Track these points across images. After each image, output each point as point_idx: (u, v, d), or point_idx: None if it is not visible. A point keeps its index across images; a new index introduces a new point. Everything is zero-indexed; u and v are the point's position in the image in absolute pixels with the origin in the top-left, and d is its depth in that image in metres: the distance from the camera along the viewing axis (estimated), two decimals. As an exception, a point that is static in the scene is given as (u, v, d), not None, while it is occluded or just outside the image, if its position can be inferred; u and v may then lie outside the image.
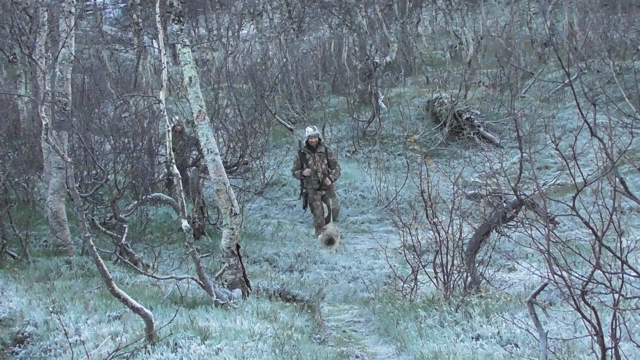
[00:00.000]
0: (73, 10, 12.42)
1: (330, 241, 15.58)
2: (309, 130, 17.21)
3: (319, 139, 17.19)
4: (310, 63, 32.77)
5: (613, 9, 33.43)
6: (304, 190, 17.38)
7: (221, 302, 9.26)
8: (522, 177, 10.34)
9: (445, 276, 9.86)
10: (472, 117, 24.07)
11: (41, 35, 12.66)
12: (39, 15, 13.63)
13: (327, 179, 17.00)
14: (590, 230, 4.44)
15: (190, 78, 10.18)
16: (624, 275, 4.19)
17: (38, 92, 12.95)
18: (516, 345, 7.16)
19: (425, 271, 10.51)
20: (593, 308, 4.45)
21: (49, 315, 8.45)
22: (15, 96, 18.54)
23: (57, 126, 12.06)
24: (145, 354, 6.97)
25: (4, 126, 16.80)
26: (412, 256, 10.99)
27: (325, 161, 17.06)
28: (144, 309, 7.23)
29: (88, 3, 44.19)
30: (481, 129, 23.74)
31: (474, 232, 10.78)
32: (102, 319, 8.41)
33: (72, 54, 12.62)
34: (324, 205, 17.37)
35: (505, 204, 10.80)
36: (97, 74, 25.40)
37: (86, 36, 34.21)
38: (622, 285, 4.25)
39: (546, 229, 5.08)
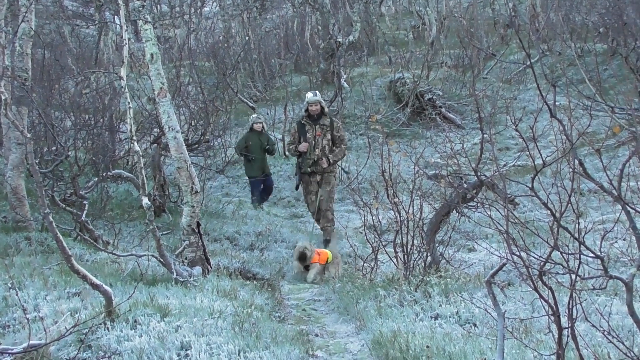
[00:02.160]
0: (34, -16, 12.30)
1: (302, 257, 12.15)
2: (309, 95, 14.56)
3: (322, 107, 14.45)
4: (273, 42, 32.71)
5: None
6: (300, 171, 14.62)
7: (181, 279, 9.24)
8: (482, 158, 10.38)
9: (406, 256, 9.90)
10: (434, 97, 24.18)
11: (0, 10, 12.50)
12: (-1, -11, 13.47)
13: (322, 159, 14.18)
14: (548, 212, 4.48)
15: (151, 55, 10.12)
16: (581, 256, 4.24)
17: (-3, 67, 12.78)
18: (474, 325, 7.22)
19: (385, 251, 10.54)
20: (550, 288, 4.49)
21: (8, 291, 8.39)
22: (-26, 71, 18.32)
23: (17, 101, 11.95)
24: (104, 330, 6.95)
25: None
26: (372, 236, 11.03)
27: (329, 137, 14.35)
28: (104, 285, 7.20)
29: (49, -23, 43.66)
30: (443, 110, 23.88)
31: (434, 213, 10.85)
32: (61, 295, 8.35)
33: (32, 28, 12.49)
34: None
35: (465, 185, 10.86)
36: (57, 49, 25.17)
37: (47, 11, 33.78)
38: (579, 266, 4.30)
39: (505, 209, 5.12)
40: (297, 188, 15.41)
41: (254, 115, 19.51)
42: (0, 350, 5.68)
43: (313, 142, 14.30)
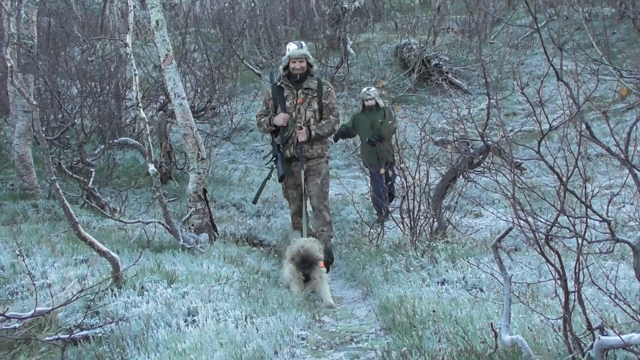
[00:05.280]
0: (38, -50, 12.26)
1: (305, 262, 8.33)
2: (292, 47, 10.34)
3: (308, 64, 10.34)
4: (279, 8, 32.46)
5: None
6: (281, 155, 10.35)
7: (188, 246, 9.27)
8: (489, 123, 10.36)
9: (412, 222, 9.90)
10: (440, 63, 24.08)
11: (5, -24, 12.46)
12: (3, -44, 13.41)
13: (303, 130, 10.10)
14: (555, 176, 4.46)
15: (157, 21, 10.11)
16: (588, 220, 4.22)
17: (3, 34, 12.76)
18: (481, 290, 7.22)
19: (392, 216, 10.54)
20: (557, 252, 4.48)
21: (16, 258, 8.42)
22: (-20, 38, 18.31)
23: (23, 69, 11.95)
24: (111, 297, 6.97)
25: (-33, 69, 16.63)
26: (379, 202, 11.04)
27: (315, 106, 10.28)
28: (111, 252, 7.21)
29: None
30: (449, 76, 23.78)
31: (440, 178, 10.83)
32: (68, 262, 8.38)
33: (37, -5, 12.48)
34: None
35: (472, 150, 10.85)
36: (63, 17, 25.10)
37: (52, -22, 33.68)
38: (585, 230, 4.28)
39: (512, 174, 5.10)
40: (281, 180, 10.47)
41: (364, 89, 14.45)
42: (9, 316, 5.69)
43: (294, 112, 10.23)
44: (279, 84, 10.42)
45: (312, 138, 10.21)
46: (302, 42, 10.53)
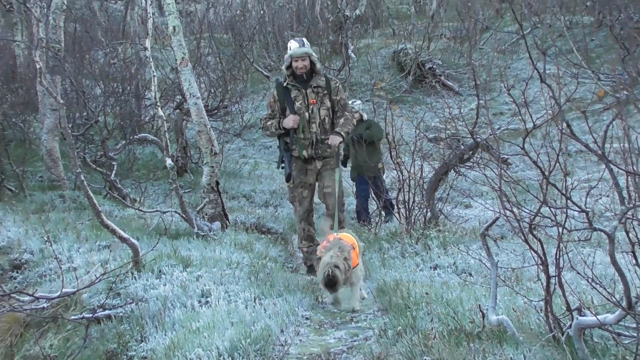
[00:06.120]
0: (65, -38, 12.27)
1: (330, 283, 6.71)
2: (293, 45, 8.98)
3: (312, 62, 9.04)
4: (286, 15, 32.39)
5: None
6: (288, 154, 9.13)
7: (202, 233, 9.29)
8: (478, 122, 10.36)
9: (407, 212, 9.92)
10: (434, 66, 24.08)
11: (35, -14, 12.47)
12: (33, -33, 13.40)
13: (330, 137, 8.88)
14: (538, 170, 4.47)
15: (174, 27, 10.12)
16: (568, 210, 4.23)
17: (33, 38, 12.78)
18: (470, 274, 7.24)
19: (389, 207, 10.55)
20: (540, 240, 4.49)
21: (44, 244, 8.46)
22: (12, 42, 18.31)
23: (51, 70, 11.97)
24: (132, 279, 7.00)
25: (1, 70, 16.66)
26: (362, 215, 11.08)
27: (327, 104, 9.03)
28: (131, 239, 7.24)
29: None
30: (442, 78, 23.78)
31: (433, 172, 10.85)
32: (92, 247, 8.41)
33: (64, 3, 12.51)
34: (319, 192, 9.31)
35: (462, 147, 10.86)
36: (88, 23, 25.15)
37: (78, -13, 33.68)
38: (566, 219, 4.29)
39: (499, 169, 5.11)
40: (288, 179, 9.16)
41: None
42: (38, 297, 5.71)
43: (307, 114, 8.94)
44: (284, 84, 9.06)
45: (344, 140, 8.99)
46: (304, 40, 9.07)
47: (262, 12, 29.35)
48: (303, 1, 33.86)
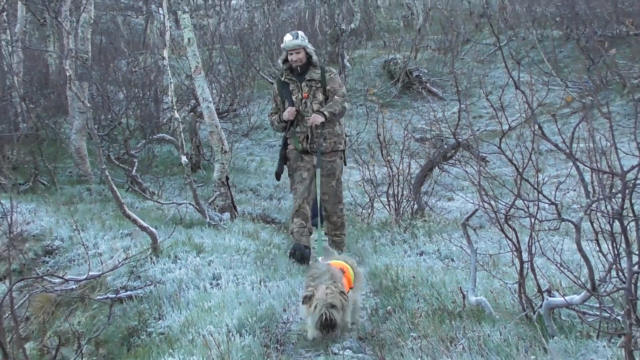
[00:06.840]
0: (91, -19, 12.28)
1: (328, 326, 4.93)
2: (287, 38, 8.36)
3: (307, 54, 8.39)
4: (289, 29, 32.35)
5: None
6: (285, 149, 8.73)
7: (213, 223, 9.28)
8: (460, 124, 10.33)
9: (396, 204, 9.94)
10: (420, 75, 24.03)
11: (66, 2, 12.44)
12: (63, -15, 13.39)
13: (316, 116, 8.15)
14: (513, 167, 4.47)
15: (189, 39, 10.12)
16: (539, 203, 4.24)
17: (63, 49, 12.77)
18: (452, 260, 7.23)
19: (380, 200, 10.55)
20: (514, 230, 4.50)
21: (73, 232, 8.48)
22: (45, 52, 18.28)
23: (79, 78, 11.97)
24: (150, 264, 7.01)
25: (35, 77, 16.67)
26: (369, 188, 11.05)
27: (320, 97, 8.36)
28: (150, 227, 7.25)
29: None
30: (428, 85, 23.71)
31: (420, 169, 10.87)
32: (115, 235, 8.43)
33: (91, 17, 12.52)
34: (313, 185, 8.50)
35: (446, 146, 10.88)
36: (112, 35, 25.10)
37: (103, 3, 33.56)
38: (537, 211, 4.30)
39: (478, 166, 5.11)
40: (278, 177, 9.00)
41: None
42: (67, 279, 5.73)
43: (301, 106, 8.40)
44: (282, 78, 8.56)
45: (328, 120, 8.18)
46: (299, 32, 8.31)
47: (267, 25, 29.34)
48: (304, 16, 33.89)
